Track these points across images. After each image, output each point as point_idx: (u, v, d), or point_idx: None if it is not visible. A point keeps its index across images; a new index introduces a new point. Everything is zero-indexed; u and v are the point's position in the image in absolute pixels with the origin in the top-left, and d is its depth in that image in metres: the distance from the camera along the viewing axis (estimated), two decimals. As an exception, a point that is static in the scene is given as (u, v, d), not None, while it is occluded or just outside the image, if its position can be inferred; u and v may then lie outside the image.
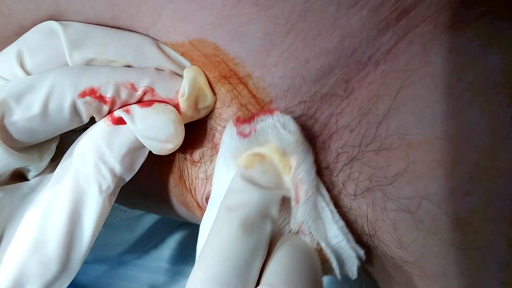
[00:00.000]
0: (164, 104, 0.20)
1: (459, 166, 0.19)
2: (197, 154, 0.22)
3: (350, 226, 0.21)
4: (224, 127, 0.20)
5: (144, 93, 0.19)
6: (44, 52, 0.19)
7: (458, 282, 0.21)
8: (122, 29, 0.20)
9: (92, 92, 0.19)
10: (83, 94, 0.18)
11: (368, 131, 0.19)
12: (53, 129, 0.19)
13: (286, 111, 0.19)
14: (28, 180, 0.21)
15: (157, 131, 0.19)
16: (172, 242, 0.45)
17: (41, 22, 0.20)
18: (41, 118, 0.18)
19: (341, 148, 0.19)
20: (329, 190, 0.20)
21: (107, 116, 0.20)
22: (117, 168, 0.19)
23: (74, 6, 0.19)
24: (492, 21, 0.18)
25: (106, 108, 0.19)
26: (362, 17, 0.17)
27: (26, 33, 0.20)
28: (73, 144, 0.20)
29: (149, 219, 0.43)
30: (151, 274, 0.43)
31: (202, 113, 0.21)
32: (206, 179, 0.22)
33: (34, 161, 0.20)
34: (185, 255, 0.44)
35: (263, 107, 0.19)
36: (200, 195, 0.22)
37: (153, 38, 0.20)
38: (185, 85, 0.20)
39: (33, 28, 0.20)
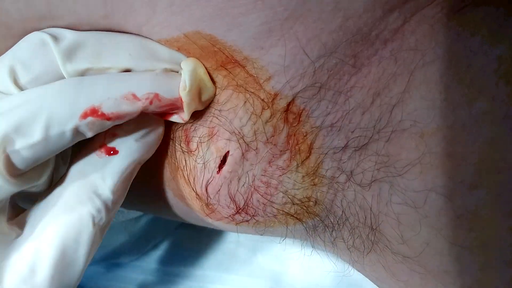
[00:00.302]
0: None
1: (469, 157, 0.18)
2: (194, 143, 0.21)
3: (353, 216, 0.20)
4: (221, 111, 0.19)
5: (150, 101, 0.19)
6: (37, 66, 0.19)
7: (461, 281, 0.20)
8: (114, 31, 0.19)
9: (93, 112, 0.18)
10: (84, 116, 0.18)
11: (382, 114, 0.18)
12: (55, 151, 0.19)
13: (287, 85, 0.18)
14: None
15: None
16: (170, 244, 0.44)
17: (31, 22, 0.19)
18: (44, 144, 0.18)
19: (352, 132, 0.18)
20: (334, 176, 0.19)
21: (99, 149, 0.20)
22: (111, 199, 0.19)
23: (66, 4, 0.18)
24: (498, 8, 0.17)
25: (109, 123, 0.19)
26: (365, 0, 0.17)
27: (16, 46, 0.19)
28: (64, 175, 0.20)
29: (147, 220, 0.43)
30: (149, 276, 0.43)
31: (205, 105, 0.20)
32: (204, 166, 0.20)
33: (34, 180, 0.20)
34: (184, 256, 0.44)
35: (261, 85, 0.19)
36: (200, 184, 0.20)
37: (146, 37, 0.19)
38: (186, 78, 0.19)
39: (22, 41, 0.19)
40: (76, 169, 0.20)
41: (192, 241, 0.43)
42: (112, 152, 0.20)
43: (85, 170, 0.20)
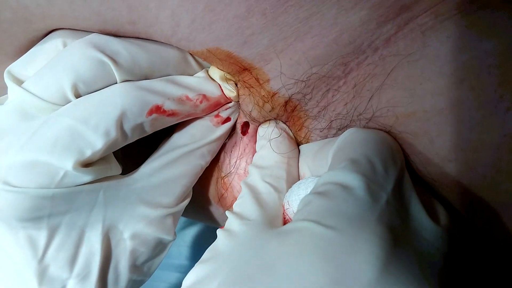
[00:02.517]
0: None
1: (444, 136, 0.20)
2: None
3: None
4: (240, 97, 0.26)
5: (200, 100, 0.23)
6: (99, 83, 0.20)
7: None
8: (142, 37, 0.22)
9: (158, 109, 0.21)
10: (150, 112, 0.21)
11: (361, 104, 0.21)
12: (120, 146, 0.21)
13: (283, 88, 0.23)
14: None
15: None
16: (190, 240, 0.46)
17: (52, 19, 0.20)
18: (117, 140, 0.20)
19: (335, 117, 0.22)
20: None
21: (211, 118, 0.24)
22: None
23: (90, 5, 0.19)
24: (490, 13, 0.19)
25: (168, 120, 0.22)
26: (362, 15, 0.19)
27: (74, 62, 0.20)
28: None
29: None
30: (173, 272, 0.44)
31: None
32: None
33: (106, 167, 0.21)
34: (197, 251, 0.45)
35: (262, 85, 0.23)
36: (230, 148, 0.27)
37: (182, 49, 0.22)
38: (226, 86, 0.24)
39: (78, 56, 0.20)
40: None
41: (212, 236, 0.42)
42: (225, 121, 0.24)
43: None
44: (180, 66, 0.23)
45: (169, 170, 0.22)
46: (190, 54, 0.24)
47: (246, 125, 0.26)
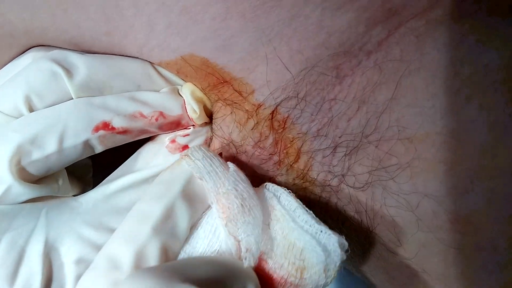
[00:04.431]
0: None
1: (459, 163, 0.19)
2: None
3: (349, 220, 0.21)
4: (216, 119, 0.22)
5: (155, 118, 0.21)
6: (51, 95, 0.20)
7: (457, 284, 0.21)
8: (115, 51, 0.21)
9: (105, 126, 0.20)
10: (96, 129, 0.20)
11: (369, 121, 0.19)
12: (67, 163, 0.20)
13: (270, 96, 0.20)
14: None
15: None
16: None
17: (34, 33, 0.20)
18: (57, 155, 0.20)
19: (340, 137, 0.19)
20: (326, 180, 0.20)
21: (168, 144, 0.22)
22: None
23: (70, 17, 0.20)
24: (485, 18, 0.18)
25: (120, 137, 0.21)
26: (348, 17, 0.18)
27: (28, 73, 0.20)
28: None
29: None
30: None
31: (209, 116, 0.23)
32: None
33: (54, 185, 0.21)
34: None
35: (246, 98, 0.20)
36: None
37: (149, 61, 0.21)
38: (191, 103, 0.21)
39: (34, 68, 0.20)
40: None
41: None
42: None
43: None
44: (144, 82, 0.21)
45: (118, 197, 0.21)
46: (157, 70, 0.22)
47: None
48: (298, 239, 0.17)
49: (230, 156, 0.21)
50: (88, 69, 0.20)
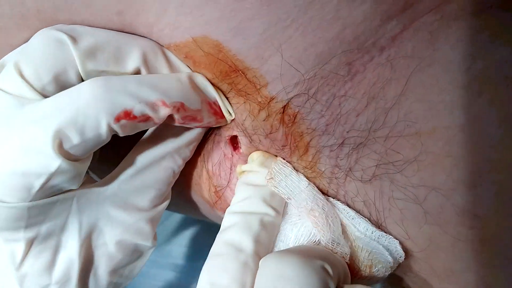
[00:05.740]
0: None
1: (468, 157, 0.19)
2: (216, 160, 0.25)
3: (358, 213, 0.21)
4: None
5: (177, 109, 0.20)
6: (54, 65, 0.19)
7: (464, 278, 0.21)
8: (126, 31, 0.20)
9: (126, 115, 0.19)
10: (118, 119, 0.19)
11: (377, 116, 0.19)
12: (95, 148, 0.20)
13: (283, 91, 0.20)
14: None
15: None
16: (181, 239, 0.46)
17: (46, 14, 0.20)
18: (83, 145, 0.19)
19: (348, 132, 0.20)
20: (333, 172, 0.21)
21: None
22: None
23: None
24: (499, 13, 0.18)
25: (142, 125, 0.20)
26: (365, 9, 0.18)
27: (29, 44, 0.19)
28: None
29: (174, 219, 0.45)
30: (162, 270, 0.45)
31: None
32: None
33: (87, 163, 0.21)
34: (195, 251, 0.46)
35: (258, 90, 0.20)
36: (211, 163, 0.25)
37: (157, 42, 0.21)
38: (227, 107, 0.22)
39: (35, 38, 0.19)
40: None
41: (202, 237, 0.45)
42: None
43: None
44: (149, 56, 0.21)
45: (140, 177, 0.22)
46: (163, 52, 0.21)
47: (235, 139, 0.23)
48: (366, 245, 0.21)
49: (246, 141, 0.23)
50: (95, 38, 0.20)
